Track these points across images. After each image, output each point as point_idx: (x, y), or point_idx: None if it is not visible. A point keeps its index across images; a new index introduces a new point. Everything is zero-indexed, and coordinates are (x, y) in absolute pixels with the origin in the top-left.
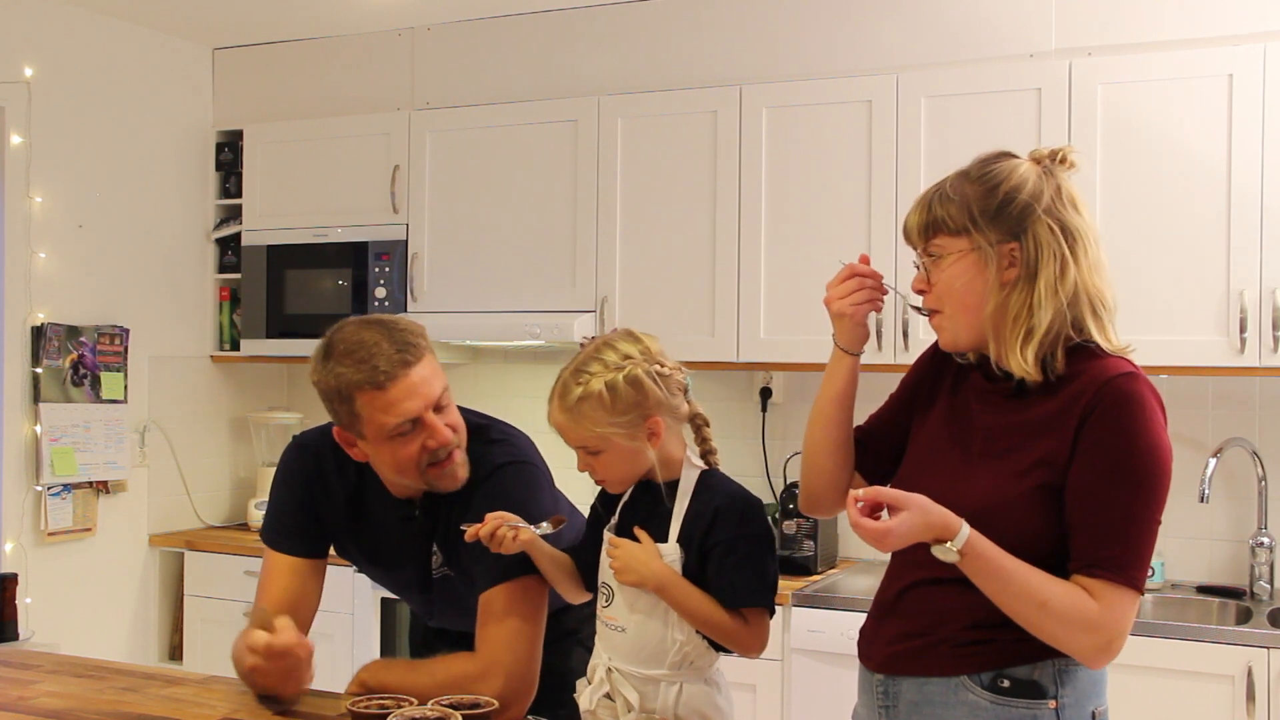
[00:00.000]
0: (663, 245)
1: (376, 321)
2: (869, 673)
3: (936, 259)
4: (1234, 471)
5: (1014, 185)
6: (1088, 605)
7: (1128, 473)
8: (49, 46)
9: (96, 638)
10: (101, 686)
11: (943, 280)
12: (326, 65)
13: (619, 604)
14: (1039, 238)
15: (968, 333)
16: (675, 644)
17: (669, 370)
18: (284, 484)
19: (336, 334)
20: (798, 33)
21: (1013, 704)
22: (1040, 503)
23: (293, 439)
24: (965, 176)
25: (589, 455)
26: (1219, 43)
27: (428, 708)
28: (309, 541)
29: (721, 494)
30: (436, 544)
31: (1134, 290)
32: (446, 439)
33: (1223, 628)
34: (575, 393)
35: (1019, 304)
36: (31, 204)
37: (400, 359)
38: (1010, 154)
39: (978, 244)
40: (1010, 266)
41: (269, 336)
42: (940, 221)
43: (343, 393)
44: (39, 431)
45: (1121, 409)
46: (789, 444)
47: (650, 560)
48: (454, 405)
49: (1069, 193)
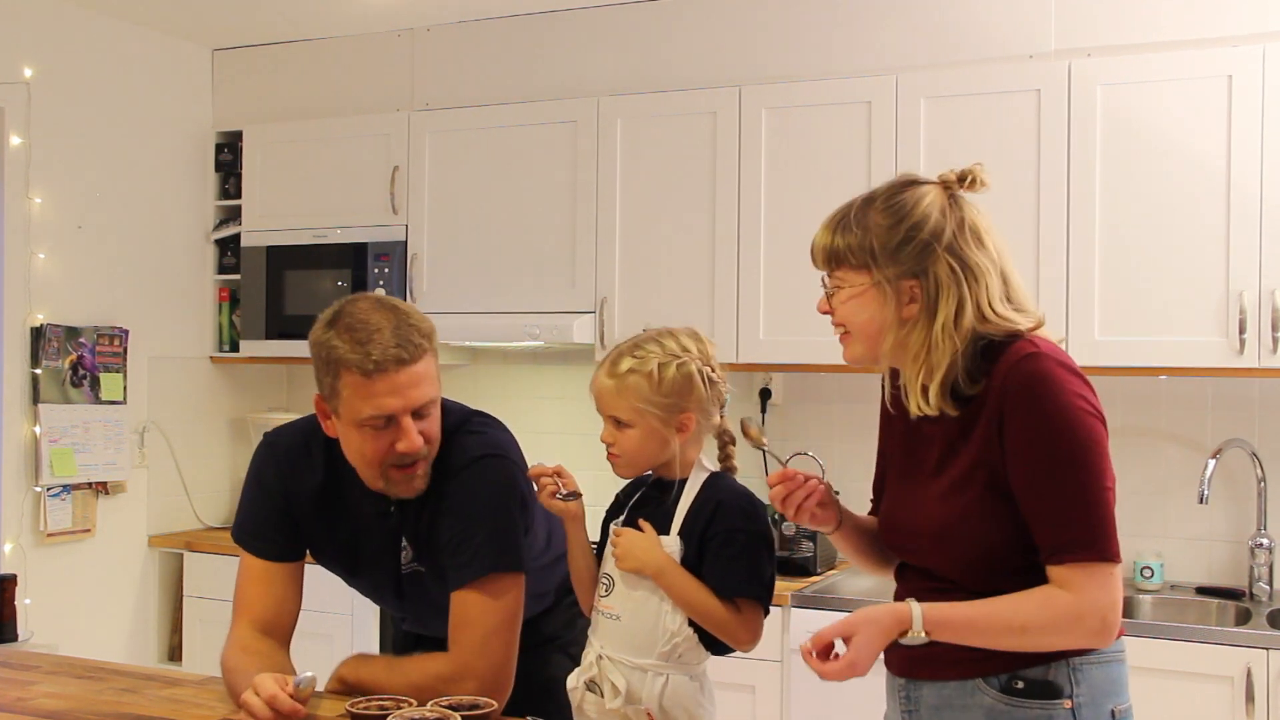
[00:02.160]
0: (662, 246)
1: (391, 307)
2: (892, 677)
3: (835, 291)
4: (1233, 472)
5: (915, 222)
6: (1062, 602)
7: (1057, 451)
8: (48, 47)
9: (95, 639)
10: (100, 687)
11: (844, 310)
12: (326, 66)
13: (617, 593)
14: (938, 277)
15: (871, 355)
16: (666, 634)
17: (718, 379)
18: (256, 484)
19: (348, 305)
20: (797, 34)
21: (1028, 705)
22: (992, 509)
23: (263, 437)
24: (871, 204)
25: (617, 427)
26: (1218, 43)
27: (427, 708)
28: (282, 544)
29: (725, 490)
30: (406, 538)
31: (1133, 291)
32: (415, 447)
33: (1222, 629)
34: (626, 363)
35: (918, 343)
36: (31, 205)
37: (395, 354)
38: (918, 181)
39: (877, 280)
40: (911, 302)
41: (268, 337)
42: (841, 254)
43: (331, 365)
44: (38, 432)
45: (1031, 390)
46: (789, 444)
47: (651, 548)
48: (437, 417)
49: (972, 224)
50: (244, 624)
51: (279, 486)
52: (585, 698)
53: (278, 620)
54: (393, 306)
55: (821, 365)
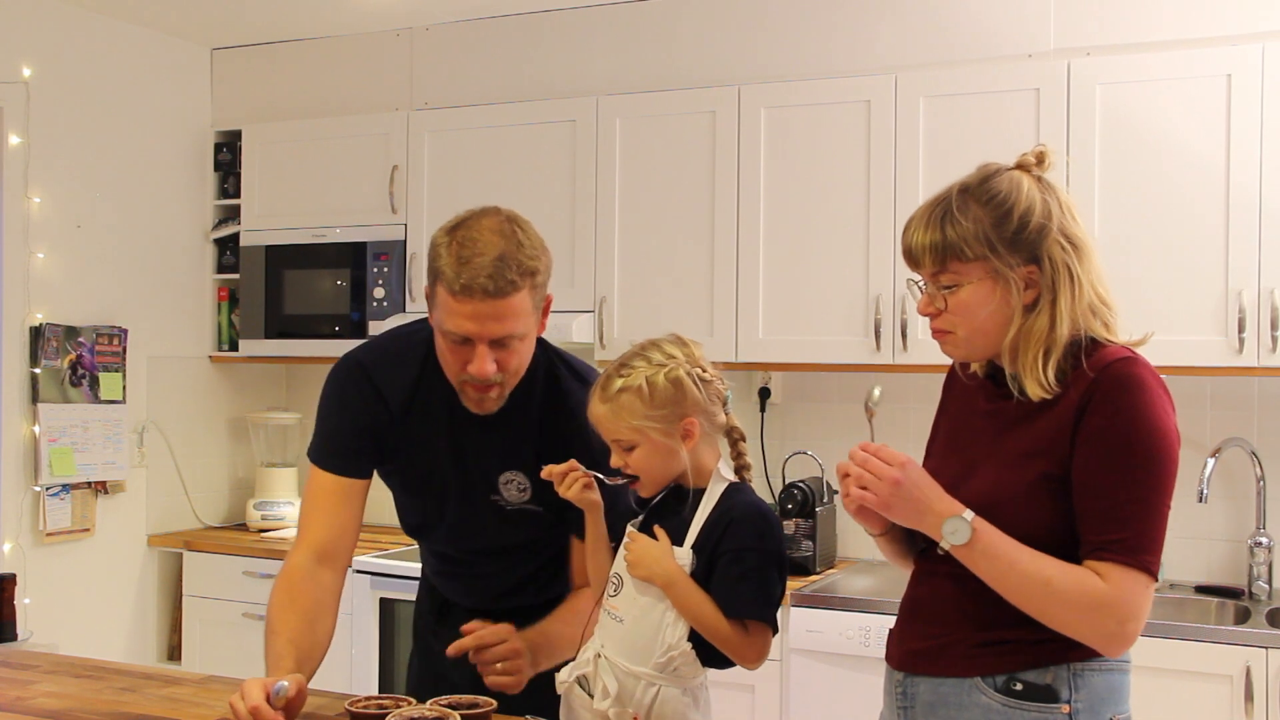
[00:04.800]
0: (661, 245)
1: (509, 234)
2: (891, 671)
3: (953, 288)
4: (1232, 471)
5: (1027, 207)
6: (1094, 584)
7: (1130, 455)
8: (47, 46)
9: (95, 638)
10: (100, 687)
11: (959, 307)
12: (325, 65)
13: (624, 595)
14: (1054, 258)
15: (983, 352)
16: (664, 646)
17: (710, 377)
18: (338, 400)
19: (474, 217)
20: (796, 33)
21: (1025, 708)
22: (1045, 495)
23: (343, 356)
24: (970, 195)
25: (624, 451)
26: (1217, 43)
27: (426, 707)
28: (360, 459)
29: (741, 505)
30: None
31: (1132, 290)
32: (484, 373)
33: (1221, 628)
34: (616, 384)
35: (1043, 327)
36: (30, 204)
37: (485, 284)
38: (1001, 166)
39: (995, 269)
40: (1028, 288)
41: (267, 337)
42: (955, 249)
43: (432, 270)
44: (37, 432)
45: (1120, 392)
46: (788, 444)
47: (663, 558)
48: (523, 349)
49: (1068, 203)
50: (303, 549)
51: (360, 398)
52: (574, 693)
53: (340, 542)
54: (512, 233)
55: (820, 364)
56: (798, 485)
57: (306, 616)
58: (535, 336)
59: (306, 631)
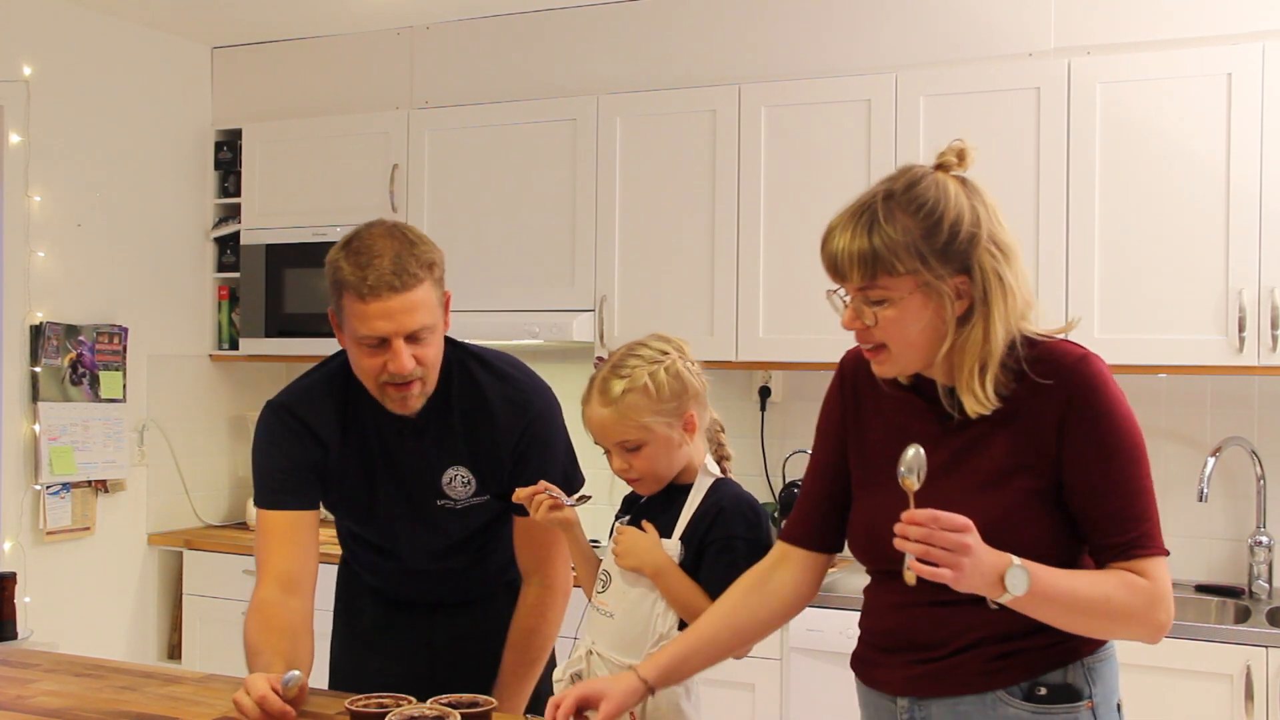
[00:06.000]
0: (662, 244)
1: (400, 236)
2: (887, 697)
3: (882, 304)
4: (1232, 471)
5: (956, 216)
6: (1143, 585)
7: (1124, 453)
8: (48, 45)
9: (95, 637)
10: (100, 685)
11: (890, 323)
12: (325, 64)
13: (613, 590)
14: (984, 266)
15: (915, 367)
16: (655, 636)
17: (697, 370)
18: (268, 443)
19: (363, 229)
20: (796, 32)
21: (1052, 710)
22: (1038, 510)
23: (265, 405)
24: (895, 203)
25: (628, 452)
26: (1218, 42)
27: (426, 705)
28: (302, 491)
29: (729, 497)
30: (464, 465)
31: (1132, 289)
32: (403, 369)
33: (1221, 627)
34: (618, 386)
35: (977, 341)
36: (30, 203)
37: (390, 281)
38: (923, 169)
39: (927, 281)
40: (959, 299)
41: (268, 336)
42: (885, 262)
43: (335, 285)
44: (38, 430)
45: (1095, 395)
46: (788, 443)
47: (652, 548)
48: (435, 341)
49: (993, 206)
50: (268, 583)
51: (291, 436)
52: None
53: (302, 571)
54: (401, 235)
55: (820, 364)
56: (798, 484)
57: (287, 636)
58: (443, 332)
59: (290, 649)
